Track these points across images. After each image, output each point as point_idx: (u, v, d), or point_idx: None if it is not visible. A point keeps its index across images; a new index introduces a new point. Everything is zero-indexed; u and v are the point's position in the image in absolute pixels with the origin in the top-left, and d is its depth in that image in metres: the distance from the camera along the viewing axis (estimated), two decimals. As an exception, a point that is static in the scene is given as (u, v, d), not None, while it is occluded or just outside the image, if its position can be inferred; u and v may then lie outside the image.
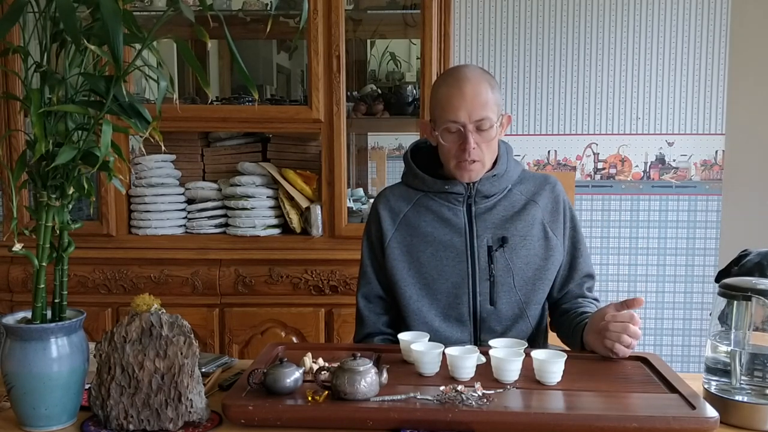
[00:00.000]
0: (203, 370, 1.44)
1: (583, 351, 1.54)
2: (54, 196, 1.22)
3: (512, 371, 1.32)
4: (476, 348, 1.40)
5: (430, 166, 1.70)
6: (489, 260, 1.62)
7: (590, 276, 1.72)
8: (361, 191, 2.94)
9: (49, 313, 1.25)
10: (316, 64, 2.46)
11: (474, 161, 1.60)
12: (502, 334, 1.61)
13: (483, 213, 1.65)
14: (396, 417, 1.17)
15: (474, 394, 1.20)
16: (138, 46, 1.19)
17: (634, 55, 3.08)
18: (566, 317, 1.66)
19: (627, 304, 1.45)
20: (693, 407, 1.20)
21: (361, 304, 1.72)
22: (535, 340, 1.67)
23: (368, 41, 3.16)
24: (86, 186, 1.25)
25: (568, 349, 1.63)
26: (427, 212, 1.67)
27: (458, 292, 1.63)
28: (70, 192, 1.22)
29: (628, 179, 3.14)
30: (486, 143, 1.59)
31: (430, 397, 1.22)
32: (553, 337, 1.78)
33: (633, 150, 3.13)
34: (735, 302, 1.24)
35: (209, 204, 2.61)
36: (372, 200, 2.81)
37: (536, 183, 1.71)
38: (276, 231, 2.60)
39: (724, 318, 1.27)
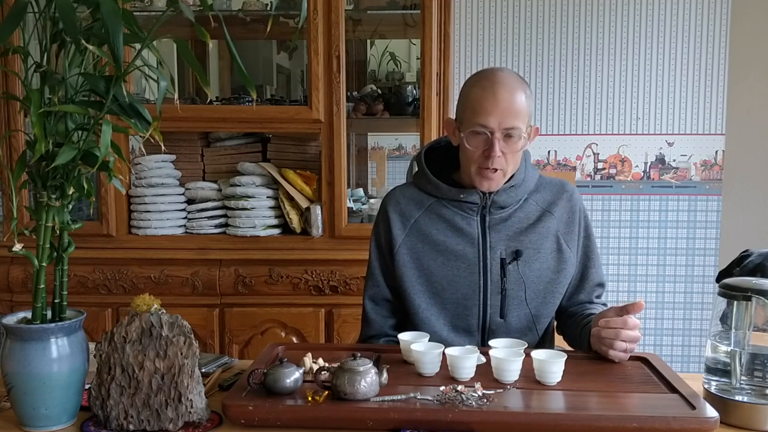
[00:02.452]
0: (203, 370, 1.44)
1: (590, 351, 1.52)
2: (54, 196, 1.22)
3: (512, 371, 1.32)
4: (476, 348, 1.39)
5: (444, 169, 1.66)
6: (502, 273, 1.59)
7: (601, 285, 1.69)
8: (361, 191, 2.95)
9: (49, 313, 1.25)
10: (316, 64, 2.46)
11: (497, 169, 1.54)
12: None
13: (497, 224, 1.61)
14: (396, 417, 1.17)
15: (474, 394, 1.20)
16: (138, 46, 1.19)
17: (634, 55, 3.08)
18: (572, 321, 1.63)
19: (626, 309, 1.44)
20: (693, 407, 1.20)
21: (368, 306, 1.68)
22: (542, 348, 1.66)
23: (368, 41, 3.16)
24: (86, 186, 1.25)
25: (568, 349, 1.62)
26: (439, 220, 1.63)
27: (468, 304, 1.60)
28: (70, 192, 1.22)
29: (628, 179, 3.14)
30: (512, 153, 1.54)
31: (430, 397, 1.22)
32: (556, 341, 1.78)
33: (633, 150, 3.13)
34: (735, 302, 1.24)
35: (209, 204, 2.61)
36: (372, 200, 2.83)
37: (553, 192, 1.65)
38: (276, 231, 2.60)
39: (724, 318, 1.27)
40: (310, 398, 1.21)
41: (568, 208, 1.65)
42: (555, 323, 1.75)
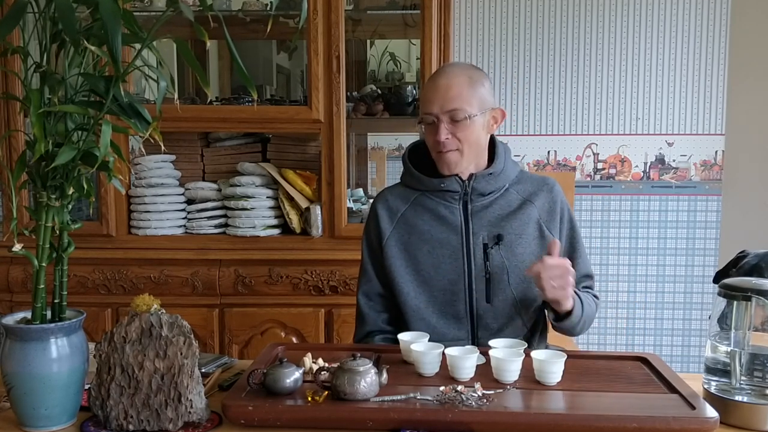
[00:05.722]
0: (203, 370, 1.44)
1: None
2: (54, 196, 1.22)
3: (512, 371, 1.32)
4: (476, 348, 1.40)
5: (429, 165, 1.71)
6: (485, 258, 1.63)
7: (589, 276, 1.73)
8: (361, 191, 2.94)
9: (48, 314, 1.25)
10: (315, 64, 2.46)
11: (450, 150, 1.62)
12: (498, 332, 1.62)
13: (479, 211, 1.66)
14: (396, 417, 1.17)
15: (474, 394, 1.20)
16: (138, 46, 1.19)
17: (634, 55, 3.08)
18: None
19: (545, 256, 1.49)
20: (693, 407, 1.20)
21: (361, 302, 1.73)
22: (531, 339, 1.66)
23: (368, 41, 3.16)
24: (86, 186, 1.25)
25: (567, 349, 1.63)
26: (424, 211, 1.68)
27: (455, 289, 1.64)
28: (70, 192, 1.22)
29: (628, 179, 3.14)
30: (462, 133, 1.61)
31: (430, 398, 1.22)
32: (552, 338, 1.78)
33: (633, 150, 3.13)
34: (735, 302, 1.24)
35: (209, 204, 2.61)
36: (372, 200, 2.83)
37: (534, 184, 1.71)
38: (276, 231, 2.60)
39: (723, 319, 1.27)
40: (310, 398, 1.21)
41: (549, 198, 1.70)
42: (547, 319, 1.75)
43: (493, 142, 1.71)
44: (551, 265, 1.48)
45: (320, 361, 1.37)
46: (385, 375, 1.26)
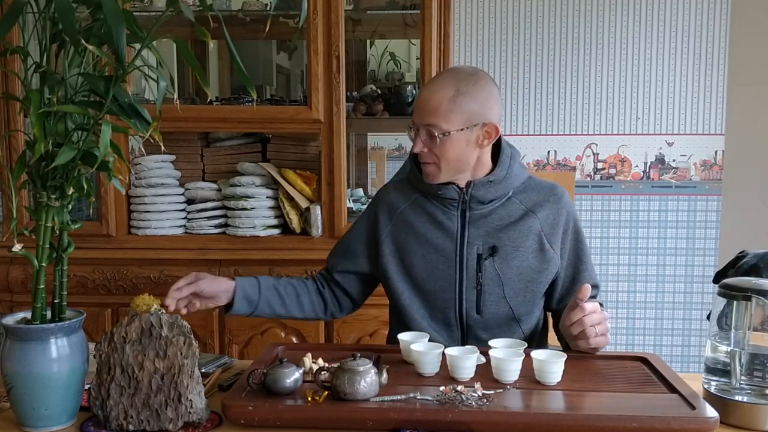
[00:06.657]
0: (203, 370, 1.45)
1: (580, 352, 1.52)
2: (54, 196, 1.22)
3: (512, 371, 1.32)
4: (476, 348, 1.40)
5: None
6: (477, 268, 1.60)
7: (594, 287, 1.66)
8: (360, 191, 2.95)
9: (48, 314, 1.25)
10: (315, 64, 2.46)
11: (426, 163, 1.60)
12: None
13: (477, 219, 1.62)
14: (396, 417, 1.17)
15: (474, 394, 1.20)
16: (138, 46, 1.19)
17: (634, 55, 3.08)
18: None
19: (576, 301, 1.47)
20: (693, 407, 1.20)
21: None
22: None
23: (368, 41, 3.16)
24: (86, 186, 1.25)
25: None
26: (423, 213, 1.66)
27: (445, 297, 1.62)
28: (70, 192, 1.22)
29: (628, 179, 3.14)
30: (437, 149, 1.56)
31: (430, 398, 1.22)
32: (551, 339, 1.78)
33: (633, 150, 3.13)
34: (735, 302, 1.24)
35: (209, 204, 2.61)
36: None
37: (540, 193, 1.64)
38: (276, 231, 2.60)
39: (723, 318, 1.27)
40: (309, 398, 1.21)
41: (554, 210, 1.63)
42: (547, 324, 1.74)
43: (499, 147, 1.64)
44: (591, 311, 1.45)
45: (320, 361, 1.37)
46: (385, 375, 1.26)
